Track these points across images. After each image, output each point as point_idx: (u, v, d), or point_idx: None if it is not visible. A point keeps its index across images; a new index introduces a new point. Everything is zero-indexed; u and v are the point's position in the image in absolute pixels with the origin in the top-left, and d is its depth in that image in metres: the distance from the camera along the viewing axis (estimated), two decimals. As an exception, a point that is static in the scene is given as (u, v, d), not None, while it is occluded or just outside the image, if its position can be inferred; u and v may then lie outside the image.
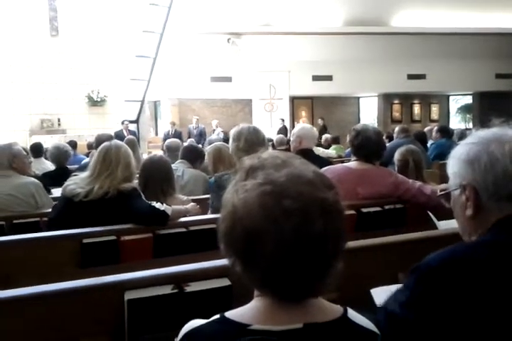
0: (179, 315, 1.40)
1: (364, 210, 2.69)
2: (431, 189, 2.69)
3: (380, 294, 1.41)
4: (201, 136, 12.28)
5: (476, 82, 15.27)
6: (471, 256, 0.94)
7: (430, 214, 2.07)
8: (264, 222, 0.75)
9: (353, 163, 2.88)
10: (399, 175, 2.89)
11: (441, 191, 1.17)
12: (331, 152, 7.45)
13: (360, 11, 12.87)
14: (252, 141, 2.60)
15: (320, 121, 14.48)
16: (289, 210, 0.74)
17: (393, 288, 1.43)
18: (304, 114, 16.49)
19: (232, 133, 2.68)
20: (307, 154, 3.55)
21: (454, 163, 1.08)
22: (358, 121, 17.39)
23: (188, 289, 1.45)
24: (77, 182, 2.40)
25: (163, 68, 12.73)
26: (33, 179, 3.13)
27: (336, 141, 8.58)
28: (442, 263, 0.95)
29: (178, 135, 11.36)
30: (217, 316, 0.83)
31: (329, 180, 0.83)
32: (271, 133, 12.13)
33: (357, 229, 2.67)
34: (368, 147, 2.80)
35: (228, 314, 0.82)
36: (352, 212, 2.66)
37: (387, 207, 2.72)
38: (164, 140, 11.20)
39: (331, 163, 3.48)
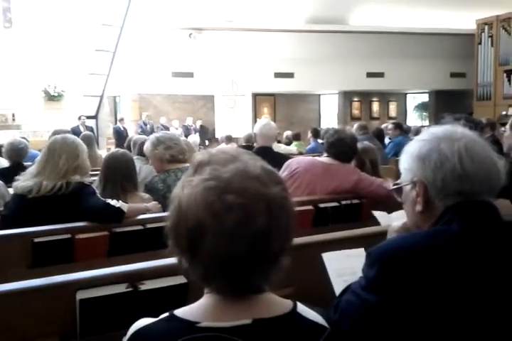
0: (134, 314, 1.38)
1: (322, 205, 2.74)
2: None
3: (331, 259, 1.44)
4: (152, 132, 12.13)
5: (432, 81, 15.73)
6: (425, 242, 0.98)
7: (373, 213, 2.13)
8: (206, 217, 0.75)
9: (322, 158, 3.03)
10: (362, 173, 2.98)
11: (394, 184, 1.20)
12: (292, 148, 7.51)
13: (321, 9, 13.01)
14: (169, 141, 2.89)
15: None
16: (231, 205, 0.75)
17: (344, 253, 1.46)
18: (266, 110, 16.55)
19: (149, 141, 2.99)
20: (266, 151, 3.59)
21: (406, 159, 1.11)
22: (319, 118, 17.62)
23: (143, 287, 1.43)
24: (27, 179, 2.33)
25: (123, 63, 12.47)
26: None
27: (297, 137, 8.66)
28: (396, 247, 0.99)
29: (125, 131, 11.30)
30: (166, 314, 0.82)
31: (278, 176, 0.83)
32: (233, 129, 12.11)
33: (315, 224, 2.72)
34: (340, 147, 2.92)
35: (177, 312, 0.82)
36: (310, 207, 2.72)
37: (344, 202, 2.79)
38: (116, 137, 11.06)
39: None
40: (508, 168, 2.22)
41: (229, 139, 8.63)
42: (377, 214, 2.09)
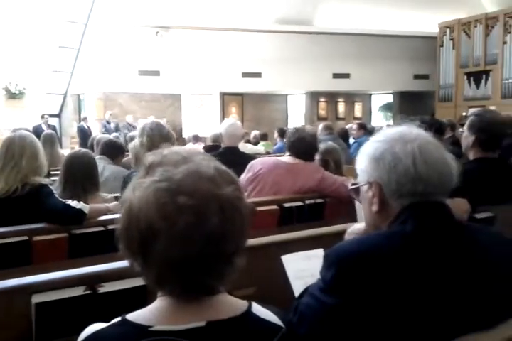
0: (92, 317, 1.35)
1: (286, 205, 2.76)
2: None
3: (290, 261, 1.44)
4: (116, 131, 11.94)
5: (396, 82, 16.07)
6: (380, 243, 0.99)
7: (356, 203, 2.11)
8: (158, 219, 0.74)
9: (285, 157, 3.03)
10: (325, 171, 3.02)
11: (352, 185, 1.22)
12: (260, 148, 7.54)
13: (288, 10, 13.10)
14: (154, 136, 2.64)
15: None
16: (183, 207, 0.74)
17: (303, 254, 1.46)
18: (234, 110, 16.53)
19: (137, 129, 2.75)
20: (232, 152, 3.58)
21: (362, 160, 1.13)
22: (287, 118, 17.74)
23: (102, 290, 1.40)
24: None
25: (87, 60, 12.22)
26: None
27: (264, 137, 8.71)
28: (353, 248, 1.00)
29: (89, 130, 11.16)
30: (118, 319, 0.81)
31: (231, 176, 0.83)
32: (201, 129, 12.05)
33: (280, 224, 2.73)
34: (301, 145, 2.95)
35: (129, 316, 0.80)
36: (275, 207, 2.73)
37: (308, 202, 2.81)
38: (80, 136, 10.89)
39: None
40: (462, 168, 2.28)
41: (196, 139, 8.59)
42: (358, 205, 2.07)
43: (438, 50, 14.69)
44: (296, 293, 1.32)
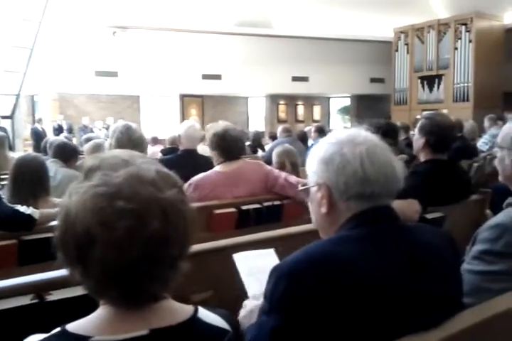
0: (40, 327, 1.30)
1: (244, 208, 2.75)
2: (296, 180, 2.83)
3: (242, 259, 1.43)
4: (70, 133, 11.62)
5: (354, 86, 16.40)
6: (331, 252, 0.98)
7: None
8: (95, 225, 0.72)
9: (221, 166, 2.87)
10: (267, 165, 3.00)
11: (302, 186, 1.22)
12: (220, 151, 7.50)
13: (248, 13, 13.16)
14: (122, 140, 2.55)
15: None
16: (121, 212, 0.72)
17: (254, 252, 1.45)
18: (194, 112, 16.41)
19: (109, 130, 2.63)
20: (190, 154, 3.54)
21: (313, 162, 1.13)
22: (247, 120, 17.79)
23: (50, 298, 1.35)
24: None
25: (41, 60, 11.84)
26: None
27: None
28: (303, 260, 0.96)
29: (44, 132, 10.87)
30: (57, 329, 0.78)
31: (174, 179, 0.81)
32: (160, 131, 11.90)
33: (237, 227, 2.72)
34: (236, 146, 2.85)
35: (69, 326, 0.77)
36: (232, 209, 2.71)
37: (265, 204, 2.81)
38: (35, 138, 10.56)
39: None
40: (413, 170, 2.34)
41: (155, 141, 8.45)
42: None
43: (393, 55, 15.09)
44: (248, 289, 1.32)
